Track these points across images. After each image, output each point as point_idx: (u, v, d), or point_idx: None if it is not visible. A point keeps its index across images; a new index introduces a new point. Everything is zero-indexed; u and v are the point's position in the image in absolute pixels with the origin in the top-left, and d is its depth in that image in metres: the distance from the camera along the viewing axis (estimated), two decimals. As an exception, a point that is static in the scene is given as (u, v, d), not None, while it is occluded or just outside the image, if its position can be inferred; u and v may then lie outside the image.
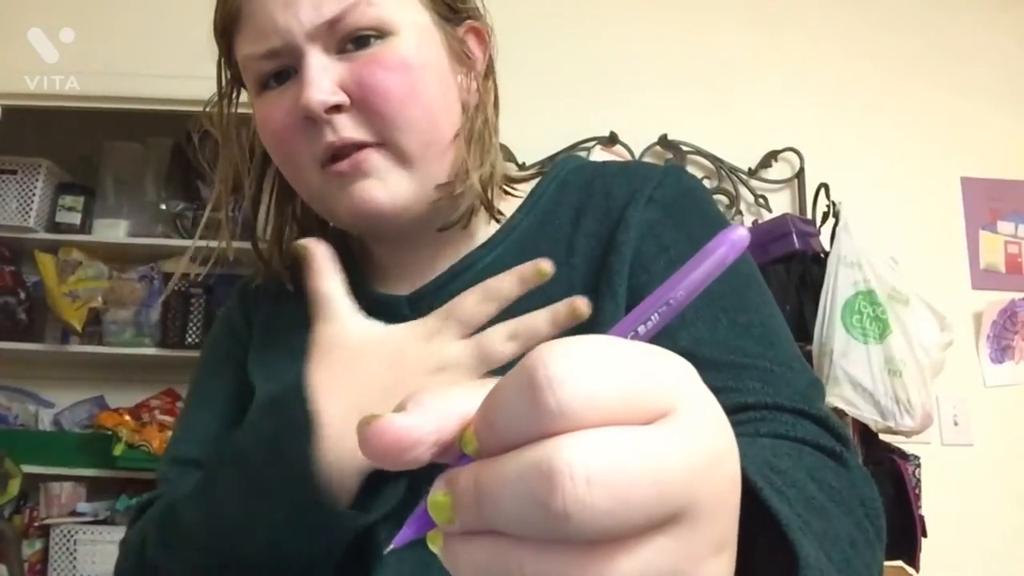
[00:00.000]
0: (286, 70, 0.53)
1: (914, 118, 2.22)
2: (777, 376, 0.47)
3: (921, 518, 1.71)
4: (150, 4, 2.19)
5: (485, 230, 0.60)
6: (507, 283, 0.45)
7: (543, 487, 0.18)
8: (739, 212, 2.09)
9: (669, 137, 2.12)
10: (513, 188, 0.63)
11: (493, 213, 0.58)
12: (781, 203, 2.13)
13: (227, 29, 0.55)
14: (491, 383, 0.21)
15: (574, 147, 2.10)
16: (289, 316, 0.59)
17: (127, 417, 2.02)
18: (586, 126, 2.12)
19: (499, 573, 0.19)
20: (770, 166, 2.15)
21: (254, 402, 0.55)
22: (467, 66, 0.58)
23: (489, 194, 0.57)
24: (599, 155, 2.09)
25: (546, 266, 0.44)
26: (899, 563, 1.69)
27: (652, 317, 0.24)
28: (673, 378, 0.20)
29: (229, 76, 0.60)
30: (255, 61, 0.54)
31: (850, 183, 2.05)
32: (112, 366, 2.22)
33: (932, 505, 1.77)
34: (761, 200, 2.11)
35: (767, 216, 2.07)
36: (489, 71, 0.60)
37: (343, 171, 0.52)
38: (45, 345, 2.17)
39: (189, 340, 2.12)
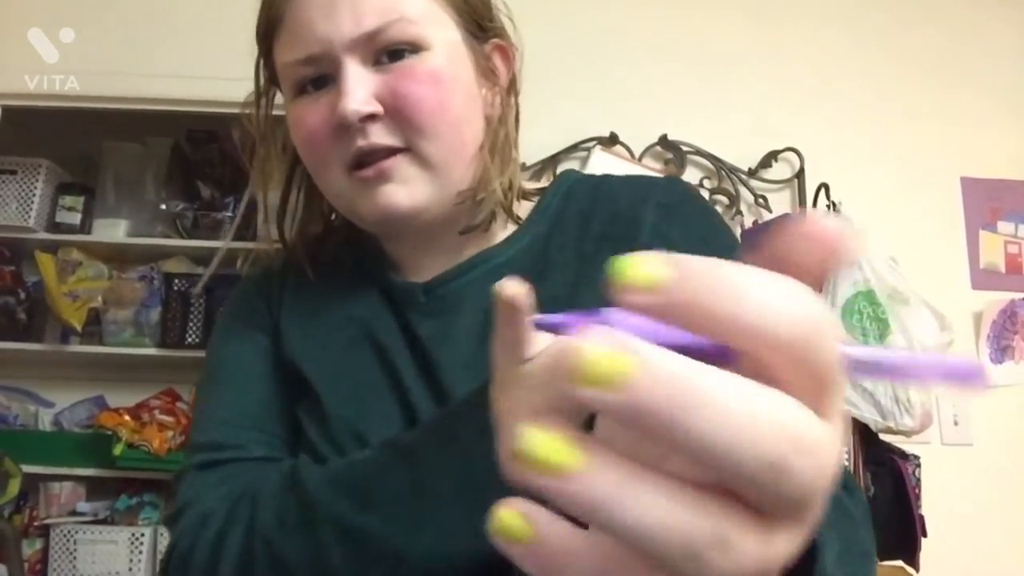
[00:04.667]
0: (323, 77, 0.56)
1: (914, 118, 2.22)
2: None
3: (921, 518, 1.71)
4: (150, 4, 2.19)
5: (501, 232, 0.63)
6: None
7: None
8: (739, 212, 2.09)
9: (669, 137, 2.12)
10: (527, 197, 0.67)
11: (513, 218, 0.62)
12: (781, 203, 2.13)
13: (268, 33, 0.59)
14: None
15: (574, 147, 2.10)
16: (313, 297, 0.63)
17: (127, 417, 2.02)
18: (586, 126, 2.12)
19: None
20: (770, 166, 2.15)
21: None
22: (492, 81, 0.62)
23: (509, 201, 0.60)
24: (599, 155, 2.09)
25: None
26: (899, 563, 1.69)
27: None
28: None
29: (267, 76, 0.63)
30: (293, 67, 0.56)
31: (850, 183, 2.06)
32: (112, 366, 2.21)
33: (932, 505, 1.77)
34: (761, 200, 2.10)
35: (767, 216, 2.07)
36: (512, 87, 0.64)
37: (368, 177, 0.55)
38: (45, 345, 2.17)
39: (189, 340, 2.12)
